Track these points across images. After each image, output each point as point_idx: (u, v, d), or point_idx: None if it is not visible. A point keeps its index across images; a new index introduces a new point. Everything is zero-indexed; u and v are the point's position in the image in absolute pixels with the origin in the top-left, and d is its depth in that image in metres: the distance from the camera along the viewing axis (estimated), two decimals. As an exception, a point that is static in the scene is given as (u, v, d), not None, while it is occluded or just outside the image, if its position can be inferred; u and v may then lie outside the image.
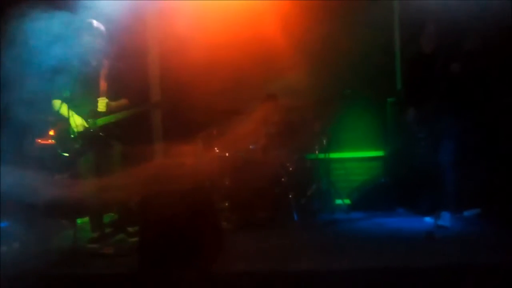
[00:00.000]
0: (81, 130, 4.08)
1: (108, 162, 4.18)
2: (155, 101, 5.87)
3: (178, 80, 5.63)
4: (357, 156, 5.96)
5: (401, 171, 5.33)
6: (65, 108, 3.96)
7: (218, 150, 5.07)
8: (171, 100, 5.12)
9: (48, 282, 3.37)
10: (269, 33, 5.61)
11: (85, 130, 4.09)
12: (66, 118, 4.01)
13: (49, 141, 4.60)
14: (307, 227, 4.63)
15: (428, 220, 4.48)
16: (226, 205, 4.83)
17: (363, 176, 5.85)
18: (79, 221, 4.73)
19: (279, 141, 5.15)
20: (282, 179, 4.92)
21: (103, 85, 4.18)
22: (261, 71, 5.76)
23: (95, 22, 4.18)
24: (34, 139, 4.69)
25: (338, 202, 5.45)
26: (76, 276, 3.42)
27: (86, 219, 4.62)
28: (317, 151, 5.40)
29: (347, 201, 5.47)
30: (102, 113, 4.13)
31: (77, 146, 4.07)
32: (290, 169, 5.03)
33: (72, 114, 4.00)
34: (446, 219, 4.31)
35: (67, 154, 4.09)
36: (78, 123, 4.07)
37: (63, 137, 4.10)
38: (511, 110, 4.67)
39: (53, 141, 4.34)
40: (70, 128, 4.05)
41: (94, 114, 4.12)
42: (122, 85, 4.28)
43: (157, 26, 6.14)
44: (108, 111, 4.14)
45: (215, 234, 3.73)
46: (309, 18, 5.62)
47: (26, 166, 4.24)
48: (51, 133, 4.28)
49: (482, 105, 4.70)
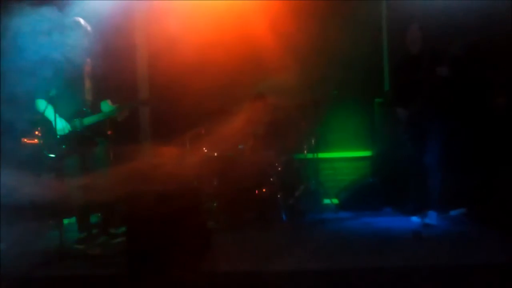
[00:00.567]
0: (65, 132, 4.03)
1: (94, 162, 4.15)
2: (143, 98, 5.84)
3: (167, 79, 5.60)
4: (345, 156, 5.99)
5: (388, 171, 5.38)
6: (50, 109, 3.90)
7: (206, 150, 5.05)
8: (159, 98, 5.09)
9: (34, 283, 3.34)
10: (257, 33, 5.62)
11: (69, 133, 4.03)
12: (51, 120, 3.95)
13: (34, 140, 4.54)
14: (296, 227, 4.64)
15: (415, 219, 4.53)
16: (214, 205, 4.83)
17: (351, 176, 5.89)
18: (66, 221, 4.68)
19: (268, 141, 5.15)
20: (271, 179, 4.93)
21: (89, 84, 4.14)
22: (249, 71, 5.78)
23: (82, 21, 4.13)
24: (20, 139, 4.63)
25: (326, 201, 5.47)
26: (62, 277, 3.38)
27: (73, 220, 4.57)
28: (305, 151, 5.43)
29: (335, 200, 5.50)
30: (89, 112, 4.09)
31: (62, 147, 4.02)
32: (279, 169, 5.04)
33: (56, 116, 3.92)
34: (432, 218, 4.36)
35: (53, 155, 4.03)
36: (64, 125, 4.01)
37: (49, 138, 4.03)
38: (496, 111, 4.74)
39: (38, 141, 4.28)
40: (55, 130, 3.97)
41: (81, 113, 4.08)
42: (109, 84, 4.24)
43: (146, 26, 6.12)
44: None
45: (202, 234, 3.72)
46: (297, 19, 5.62)
47: (11, 165, 4.18)
48: (37, 132, 4.22)
49: (468, 106, 4.76)
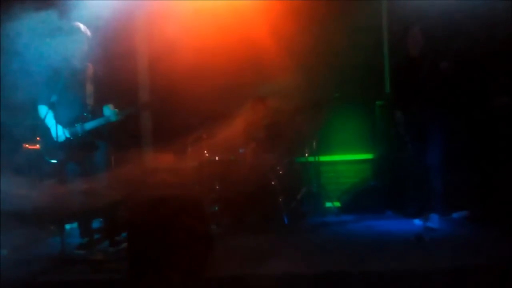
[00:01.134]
0: (66, 138, 4.03)
1: (96, 167, 4.14)
2: (144, 102, 5.84)
3: (168, 83, 5.60)
4: (346, 159, 5.98)
5: (390, 174, 5.37)
6: (50, 116, 3.90)
7: (207, 154, 5.05)
8: (160, 102, 5.10)
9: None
10: (258, 36, 5.62)
11: (70, 138, 4.04)
12: (51, 127, 3.96)
13: (36, 146, 4.54)
14: (298, 230, 4.63)
15: (417, 222, 4.52)
16: (216, 209, 4.82)
17: (353, 178, 5.88)
18: (67, 227, 4.68)
19: (269, 144, 5.15)
20: (272, 183, 4.92)
21: (90, 89, 4.14)
22: (251, 74, 5.77)
23: (82, 26, 4.13)
24: (21, 144, 4.63)
25: (328, 204, 5.47)
26: (64, 283, 3.38)
27: (75, 225, 4.57)
28: (306, 154, 5.41)
29: (337, 203, 5.49)
30: (90, 117, 4.10)
31: (63, 153, 4.01)
32: (280, 172, 5.03)
33: (56, 123, 3.92)
34: (434, 221, 4.34)
35: (54, 160, 4.03)
36: (64, 131, 4.02)
37: (50, 144, 4.03)
38: (498, 112, 4.72)
39: (39, 146, 4.28)
40: (56, 135, 3.94)
41: (82, 118, 4.08)
42: (110, 88, 4.24)
43: (146, 30, 6.13)
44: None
45: (204, 239, 3.71)
46: (298, 22, 5.62)
47: (13, 171, 4.18)
48: (38, 138, 4.23)
49: (469, 107, 4.75)
